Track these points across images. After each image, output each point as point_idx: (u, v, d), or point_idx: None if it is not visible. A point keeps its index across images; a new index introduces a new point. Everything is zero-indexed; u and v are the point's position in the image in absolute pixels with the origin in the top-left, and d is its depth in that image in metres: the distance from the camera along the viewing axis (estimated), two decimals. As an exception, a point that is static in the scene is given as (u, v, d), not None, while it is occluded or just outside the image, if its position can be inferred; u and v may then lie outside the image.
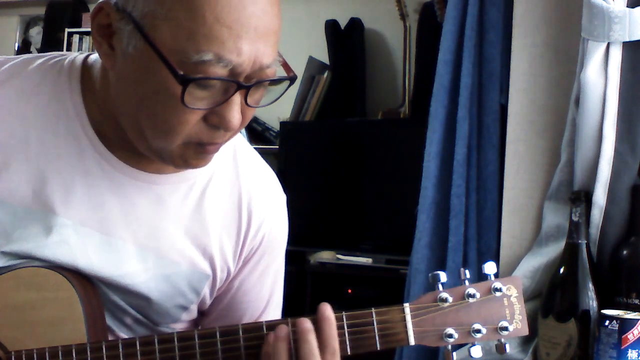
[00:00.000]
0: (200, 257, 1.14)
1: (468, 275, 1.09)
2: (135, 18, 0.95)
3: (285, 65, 1.03)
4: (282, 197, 1.24)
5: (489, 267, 1.09)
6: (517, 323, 1.08)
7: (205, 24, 0.92)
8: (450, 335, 1.06)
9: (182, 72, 0.93)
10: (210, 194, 1.15)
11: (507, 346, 1.09)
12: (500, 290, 1.08)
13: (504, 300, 1.08)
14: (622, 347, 1.39)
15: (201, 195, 1.14)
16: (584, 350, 1.51)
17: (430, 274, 1.09)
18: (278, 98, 1.05)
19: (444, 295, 1.07)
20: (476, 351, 1.08)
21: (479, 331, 1.07)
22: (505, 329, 1.07)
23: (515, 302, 1.09)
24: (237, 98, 0.97)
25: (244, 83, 0.96)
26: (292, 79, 1.02)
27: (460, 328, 1.07)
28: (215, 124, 0.98)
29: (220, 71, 0.94)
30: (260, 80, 0.98)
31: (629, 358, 1.39)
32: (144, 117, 1.00)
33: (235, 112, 0.97)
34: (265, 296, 1.23)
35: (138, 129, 1.02)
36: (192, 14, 0.92)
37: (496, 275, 1.09)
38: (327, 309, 1.05)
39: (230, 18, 0.93)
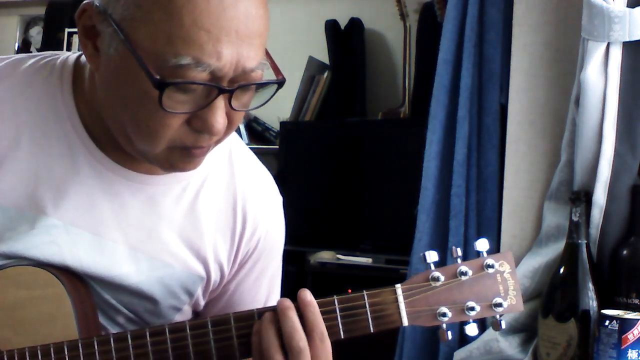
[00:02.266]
0: (194, 259, 1.14)
1: (460, 254, 1.08)
2: (115, 20, 0.94)
3: (275, 68, 1.01)
4: (278, 200, 1.23)
5: (481, 244, 1.08)
6: (511, 299, 1.08)
7: (183, 27, 0.91)
8: (444, 314, 1.06)
9: (159, 76, 0.92)
10: (205, 195, 1.14)
11: (503, 322, 1.08)
12: (492, 266, 1.07)
13: (497, 277, 1.07)
14: (622, 347, 1.39)
15: (195, 196, 1.13)
16: (584, 350, 1.51)
17: (420, 254, 1.08)
18: (266, 102, 1.04)
19: (436, 274, 1.06)
20: (471, 329, 1.07)
21: (472, 309, 1.06)
22: (500, 305, 1.07)
23: (509, 278, 1.08)
24: (219, 102, 0.95)
25: (226, 87, 0.94)
26: (279, 83, 1.00)
27: (453, 306, 1.06)
28: (198, 128, 0.97)
29: (199, 75, 0.92)
30: (244, 85, 0.96)
31: (629, 358, 1.39)
32: (127, 120, 0.99)
33: (218, 117, 0.96)
34: (261, 299, 1.22)
35: (123, 131, 1.01)
36: (170, 17, 0.91)
37: (489, 252, 1.09)
38: (306, 295, 1.04)
39: (209, 21, 0.91)
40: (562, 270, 1.57)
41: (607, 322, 1.42)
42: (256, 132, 3.82)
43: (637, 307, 1.50)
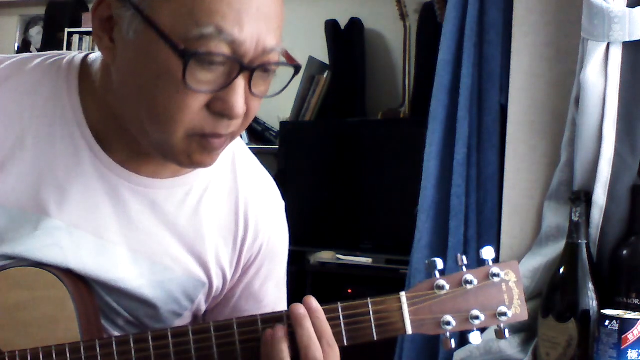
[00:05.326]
0: (195, 264, 1.13)
1: (465, 262, 1.07)
2: (134, 3, 0.95)
3: (288, 56, 1.02)
4: (280, 205, 1.22)
5: (487, 253, 1.08)
6: (516, 308, 1.07)
7: (204, 0, 0.92)
8: (448, 323, 1.05)
9: (183, 47, 0.92)
10: (208, 200, 1.14)
11: (507, 331, 1.08)
12: (498, 275, 1.07)
13: (502, 286, 1.07)
14: (622, 347, 1.39)
15: (198, 201, 1.13)
16: (584, 350, 1.51)
17: (426, 261, 1.08)
18: (284, 89, 1.03)
19: (441, 282, 1.06)
20: (475, 338, 1.07)
21: (477, 317, 1.05)
22: (504, 314, 1.06)
23: (514, 287, 1.07)
24: (240, 82, 0.95)
25: (247, 64, 0.95)
26: (296, 68, 1.02)
27: (458, 315, 1.05)
28: (219, 110, 0.96)
29: (222, 47, 0.93)
30: (264, 64, 0.97)
31: (629, 358, 1.39)
32: (144, 108, 0.98)
33: (239, 97, 0.96)
34: (269, 305, 1.21)
35: (139, 123, 1.00)
36: None
37: (494, 261, 1.08)
38: (312, 301, 1.04)
39: None
40: (562, 270, 1.57)
41: (607, 322, 1.42)
42: (256, 132, 3.82)
43: (637, 307, 1.49)
